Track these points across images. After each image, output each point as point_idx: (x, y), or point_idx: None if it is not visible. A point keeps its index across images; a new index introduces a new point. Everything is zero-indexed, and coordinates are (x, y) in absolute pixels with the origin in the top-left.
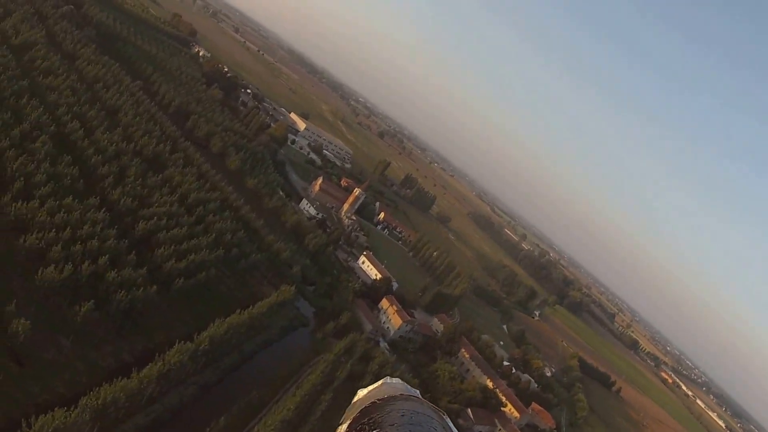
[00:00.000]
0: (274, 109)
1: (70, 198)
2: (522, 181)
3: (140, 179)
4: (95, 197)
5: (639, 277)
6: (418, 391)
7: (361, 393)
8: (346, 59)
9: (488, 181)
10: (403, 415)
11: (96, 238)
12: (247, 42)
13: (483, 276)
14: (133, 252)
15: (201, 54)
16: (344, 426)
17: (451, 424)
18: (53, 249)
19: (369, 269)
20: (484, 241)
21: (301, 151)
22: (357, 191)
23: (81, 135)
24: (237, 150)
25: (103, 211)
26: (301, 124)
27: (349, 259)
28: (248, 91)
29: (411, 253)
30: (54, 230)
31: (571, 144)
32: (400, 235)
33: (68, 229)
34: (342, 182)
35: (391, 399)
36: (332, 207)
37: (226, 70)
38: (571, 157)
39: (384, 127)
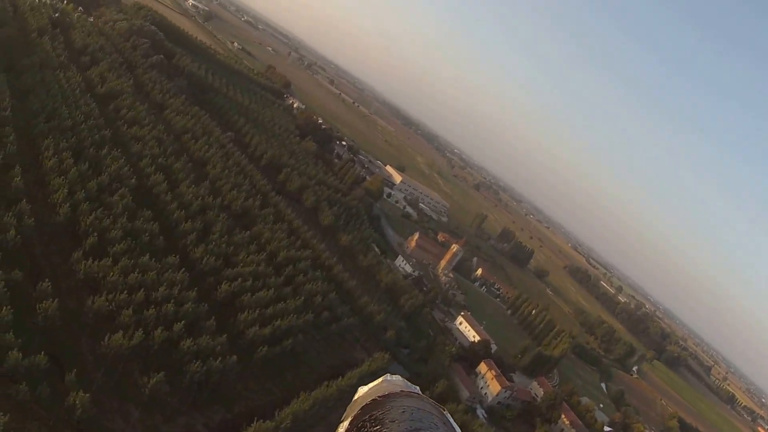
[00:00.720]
0: (370, 161)
1: (147, 256)
2: (617, 233)
3: (226, 236)
4: (175, 256)
5: (731, 325)
6: (418, 388)
7: (362, 390)
8: (441, 112)
9: (582, 232)
10: (404, 412)
11: (172, 301)
12: (342, 94)
13: (581, 333)
14: (213, 318)
15: (295, 106)
16: (345, 423)
17: (452, 420)
18: (124, 312)
19: (467, 330)
20: (581, 295)
21: (397, 204)
22: (455, 248)
23: (164, 188)
24: (331, 204)
25: (182, 271)
26: (397, 177)
27: (446, 319)
28: (343, 143)
29: (509, 311)
30: (126, 292)
31: (666, 197)
32: (498, 292)
33: (142, 290)
34: (439, 237)
35: (391, 396)
36: (429, 264)
37: (320, 121)
38: (666, 209)
39: (480, 178)
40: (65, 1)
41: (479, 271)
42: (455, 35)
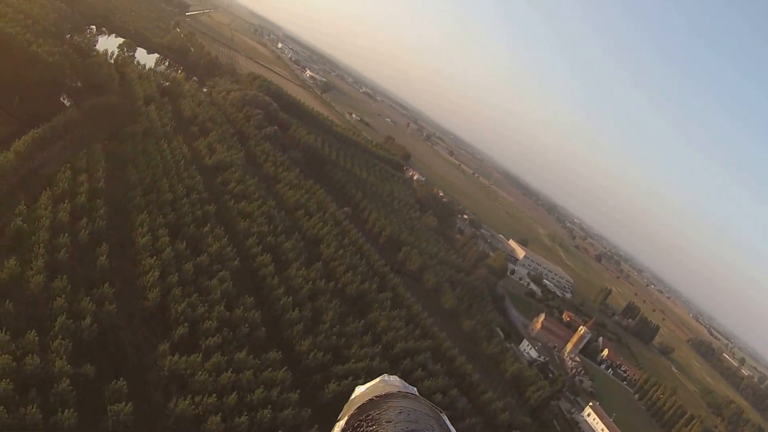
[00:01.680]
0: (492, 235)
1: (245, 352)
2: (736, 298)
3: (337, 326)
4: (277, 351)
5: None
6: (415, 389)
7: (359, 390)
8: (560, 182)
9: (701, 299)
10: (400, 413)
11: (270, 406)
12: (461, 164)
13: (708, 415)
14: (316, 427)
15: (415, 178)
16: (342, 422)
17: (448, 422)
18: (211, 419)
19: (595, 423)
20: (705, 371)
21: (521, 281)
22: (582, 330)
23: (271, 271)
24: (453, 286)
25: (284, 369)
26: (520, 252)
27: (573, 410)
28: (464, 216)
29: (636, 395)
30: (216, 394)
31: None
32: (624, 375)
33: (235, 393)
34: (564, 316)
35: (388, 396)
36: (554, 346)
37: (441, 194)
38: None
39: (600, 249)
40: (179, 71)
41: (605, 352)
42: (575, 111)
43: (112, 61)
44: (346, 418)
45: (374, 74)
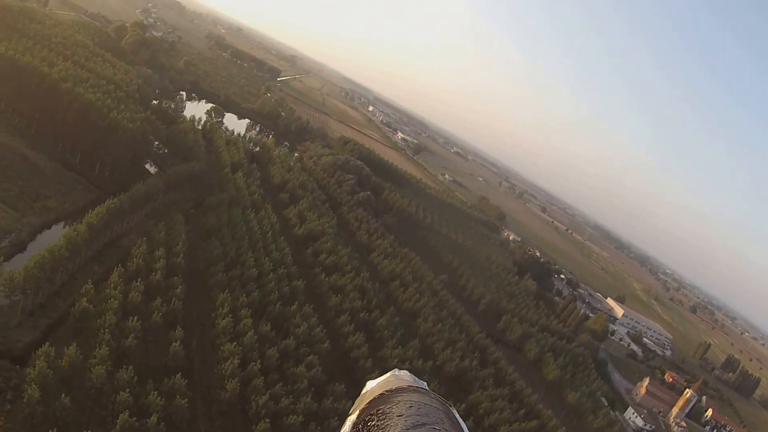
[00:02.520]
0: (590, 295)
1: None
2: None
3: None
4: None
5: None
6: (425, 383)
7: (371, 384)
8: (649, 229)
9: None
10: (411, 407)
11: None
12: (554, 221)
13: None
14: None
15: (510, 238)
16: (353, 416)
17: (458, 416)
18: None
19: None
20: None
21: (621, 342)
22: (688, 393)
23: (364, 352)
24: (555, 354)
25: None
26: (619, 311)
27: None
28: (562, 276)
29: None
30: None
31: None
32: None
33: None
34: (666, 377)
35: (399, 390)
36: (659, 411)
37: (537, 254)
38: None
39: (694, 299)
40: (269, 136)
41: (709, 412)
42: (662, 158)
43: (200, 127)
44: (357, 412)
45: (464, 133)
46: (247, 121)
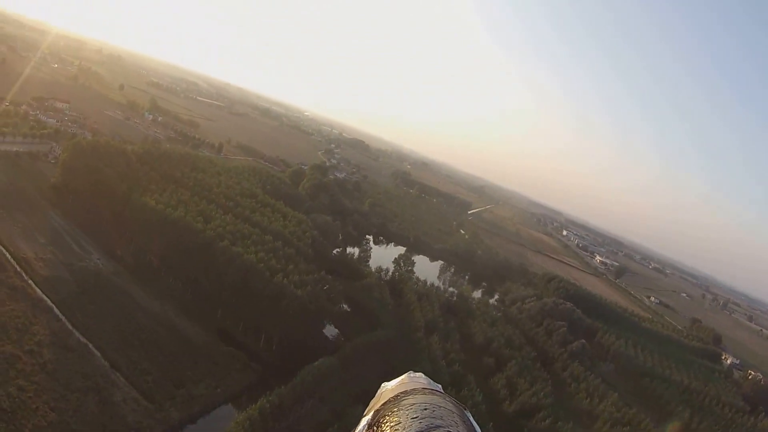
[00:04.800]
0: None
1: None
2: None
3: None
4: None
5: None
6: (440, 386)
7: (386, 386)
8: None
9: None
10: (425, 409)
11: None
12: (762, 329)
13: None
14: None
15: (728, 362)
16: (368, 417)
17: (472, 419)
18: None
19: None
20: None
21: None
22: None
23: None
24: None
25: None
26: None
27: None
28: None
29: None
30: None
31: None
32: None
33: None
34: None
35: (414, 392)
36: None
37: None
38: None
39: None
40: (465, 276)
41: None
42: None
43: (387, 278)
44: (372, 412)
45: (659, 245)
46: (440, 262)
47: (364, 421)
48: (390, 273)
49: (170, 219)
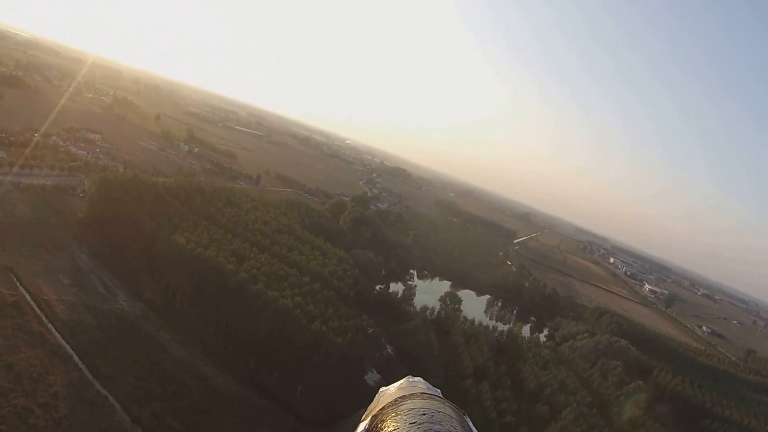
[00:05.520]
0: None
1: None
2: None
3: None
4: None
5: None
6: (439, 390)
7: (384, 390)
8: None
9: None
10: (424, 414)
11: None
12: None
13: None
14: None
15: None
16: (366, 422)
17: (471, 424)
18: None
19: None
20: None
21: None
22: None
23: None
24: None
25: None
26: None
27: None
28: None
29: None
30: None
31: None
32: None
33: None
34: None
35: (413, 397)
36: None
37: None
38: None
39: None
40: (513, 311)
41: None
42: None
43: (433, 316)
44: (369, 418)
45: (698, 266)
46: (487, 297)
47: (361, 426)
48: (436, 312)
49: (201, 259)
